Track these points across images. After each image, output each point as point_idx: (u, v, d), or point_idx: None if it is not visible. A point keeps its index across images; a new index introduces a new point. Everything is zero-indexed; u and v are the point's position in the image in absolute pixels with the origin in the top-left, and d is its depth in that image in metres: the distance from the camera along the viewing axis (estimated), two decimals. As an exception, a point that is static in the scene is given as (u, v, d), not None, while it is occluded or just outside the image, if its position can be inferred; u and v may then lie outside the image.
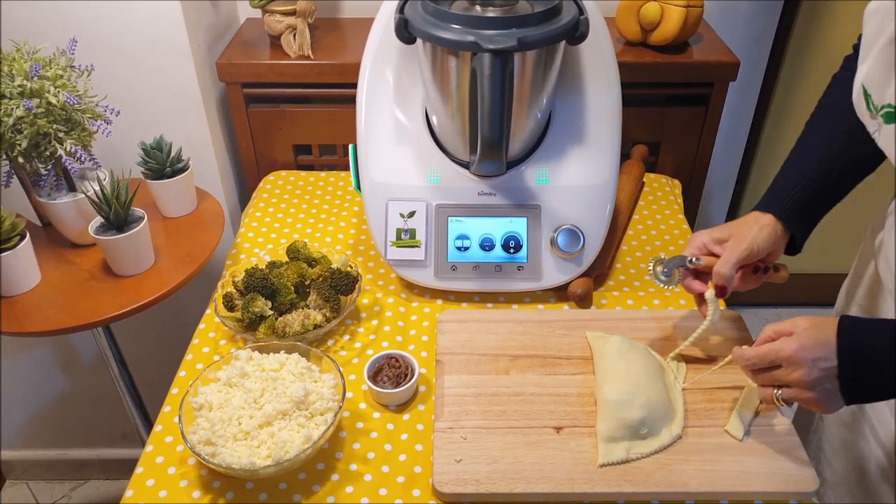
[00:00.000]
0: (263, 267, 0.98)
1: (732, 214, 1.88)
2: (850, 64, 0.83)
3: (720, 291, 0.81)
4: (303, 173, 1.31)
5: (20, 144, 0.92)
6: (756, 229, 0.81)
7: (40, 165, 0.99)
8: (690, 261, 0.82)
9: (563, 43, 0.89)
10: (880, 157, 0.75)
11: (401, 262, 1.00)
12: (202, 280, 1.10)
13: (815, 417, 0.96)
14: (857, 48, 0.82)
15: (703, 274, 0.84)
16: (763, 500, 0.75)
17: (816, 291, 2.07)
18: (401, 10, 0.88)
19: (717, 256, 0.82)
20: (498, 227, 0.99)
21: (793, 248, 0.84)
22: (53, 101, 0.92)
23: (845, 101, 0.76)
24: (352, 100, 1.03)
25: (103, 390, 1.59)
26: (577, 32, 0.86)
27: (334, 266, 0.98)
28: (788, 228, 0.81)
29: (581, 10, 0.87)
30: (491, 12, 0.88)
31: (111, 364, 1.17)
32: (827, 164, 0.81)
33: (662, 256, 0.86)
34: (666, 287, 0.85)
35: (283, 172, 1.31)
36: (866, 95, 0.67)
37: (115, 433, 1.72)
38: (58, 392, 1.61)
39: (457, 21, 0.84)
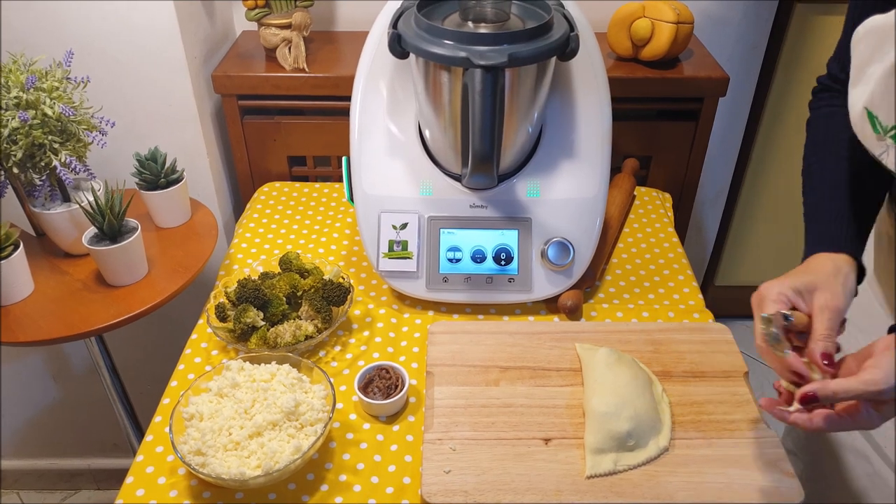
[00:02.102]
0: (256, 278, 0.98)
1: (724, 227, 1.90)
2: (825, 91, 0.83)
3: (829, 361, 0.66)
4: (297, 184, 1.32)
5: (15, 155, 0.93)
6: (842, 278, 0.70)
7: (35, 176, 0.99)
8: (787, 317, 0.69)
9: (553, 59, 0.91)
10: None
11: (393, 273, 1.00)
12: (196, 291, 1.10)
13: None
14: (832, 68, 0.82)
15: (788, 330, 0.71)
16: (749, 512, 0.75)
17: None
18: (394, 25, 0.89)
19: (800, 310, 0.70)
20: (489, 240, 1.00)
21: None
22: (49, 112, 0.93)
23: (840, 134, 0.76)
24: (346, 112, 1.04)
25: (95, 400, 1.58)
26: (567, 48, 0.88)
27: (326, 277, 0.99)
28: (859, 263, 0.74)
29: (572, 27, 0.88)
30: (483, 28, 0.89)
31: (103, 374, 1.18)
32: (858, 191, 0.76)
33: (765, 316, 0.69)
34: (776, 351, 0.68)
35: (278, 184, 1.32)
36: (871, 117, 0.66)
37: (107, 443, 1.71)
38: (49, 401, 1.61)
39: (449, 37, 0.85)
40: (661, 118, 1.34)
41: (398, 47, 0.88)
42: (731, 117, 1.62)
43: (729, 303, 2.07)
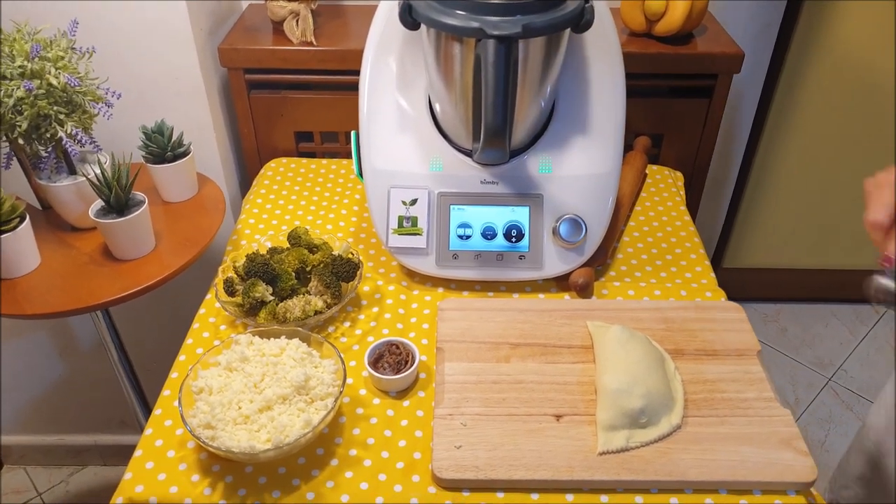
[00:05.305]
0: (264, 253, 0.98)
1: (734, 209, 1.88)
2: None
3: None
4: (304, 160, 1.30)
5: (20, 126, 0.91)
6: None
7: (40, 147, 0.98)
8: None
9: (567, 31, 0.89)
10: None
11: (402, 249, 0.99)
12: (202, 266, 1.09)
13: None
14: None
15: None
16: (761, 489, 0.75)
17: (817, 287, 2.07)
18: (405, -5, 0.87)
19: None
20: (500, 216, 0.99)
21: None
22: (54, 82, 0.91)
23: None
24: (354, 87, 1.02)
25: (102, 376, 1.58)
26: (582, 20, 0.86)
27: (336, 253, 0.98)
28: None
29: (586, -2, 0.86)
30: (496, -1, 0.87)
31: (110, 349, 1.17)
32: None
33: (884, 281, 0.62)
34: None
35: (284, 159, 1.31)
36: None
37: (114, 419, 1.72)
38: (56, 377, 1.61)
39: (461, 7, 0.83)
40: (673, 95, 1.32)
41: (409, 18, 0.86)
42: (744, 95, 1.60)
43: (737, 285, 2.06)
